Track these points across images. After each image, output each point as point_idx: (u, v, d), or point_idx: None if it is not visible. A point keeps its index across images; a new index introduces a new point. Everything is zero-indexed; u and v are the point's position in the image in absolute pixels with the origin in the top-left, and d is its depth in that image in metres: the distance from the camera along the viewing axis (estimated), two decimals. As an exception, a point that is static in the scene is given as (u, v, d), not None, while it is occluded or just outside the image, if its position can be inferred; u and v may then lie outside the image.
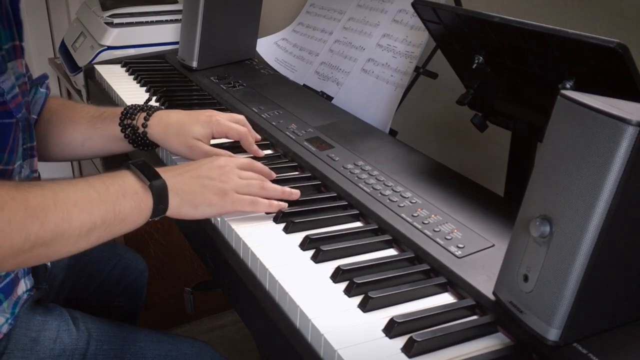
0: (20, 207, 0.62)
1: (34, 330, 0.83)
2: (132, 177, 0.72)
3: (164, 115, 0.93)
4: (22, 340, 0.81)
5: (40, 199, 0.64)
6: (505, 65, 0.83)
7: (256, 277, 0.69)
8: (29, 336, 0.82)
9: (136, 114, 0.94)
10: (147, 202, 0.72)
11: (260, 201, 0.78)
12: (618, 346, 0.54)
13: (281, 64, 1.45)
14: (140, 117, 0.93)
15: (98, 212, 0.68)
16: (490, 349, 0.57)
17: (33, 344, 0.82)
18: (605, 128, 0.48)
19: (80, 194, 0.67)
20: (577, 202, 0.50)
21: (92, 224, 0.67)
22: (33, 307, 0.86)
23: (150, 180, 0.71)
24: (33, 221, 0.62)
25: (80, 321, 0.88)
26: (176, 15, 1.66)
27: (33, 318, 0.84)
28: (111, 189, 0.69)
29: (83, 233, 0.67)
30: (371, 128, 1.07)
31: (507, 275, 0.57)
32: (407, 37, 1.15)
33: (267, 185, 0.80)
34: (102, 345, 0.86)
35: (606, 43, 0.65)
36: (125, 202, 0.70)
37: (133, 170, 0.73)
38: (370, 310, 0.61)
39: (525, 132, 0.87)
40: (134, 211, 0.71)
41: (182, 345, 0.93)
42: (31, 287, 0.87)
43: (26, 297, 0.85)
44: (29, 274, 0.87)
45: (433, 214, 0.75)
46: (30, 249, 0.63)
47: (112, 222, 0.69)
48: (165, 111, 0.95)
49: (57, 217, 0.64)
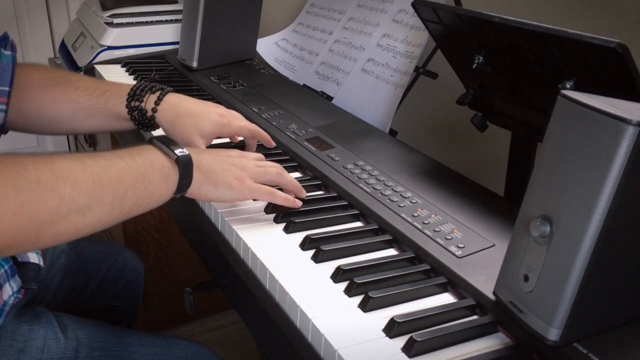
0: (46, 169, 0.60)
1: (20, 341, 0.81)
2: (158, 151, 0.71)
3: (176, 102, 0.90)
4: (9, 352, 0.80)
5: (67, 164, 0.62)
6: (505, 65, 0.83)
7: (256, 277, 0.69)
8: (16, 347, 0.80)
9: (144, 95, 0.90)
10: (174, 175, 0.70)
11: (277, 193, 0.77)
12: (618, 346, 0.54)
13: (281, 64, 1.45)
14: (149, 100, 0.90)
15: (128, 179, 0.66)
16: (490, 349, 0.57)
17: (20, 355, 0.80)
18: (605, 128, 0.48)
19: (108, 162, 0.65)
20: (577, 202, 0.50)
21: (124, 192, 0.65)
22: (19, 315, 0.83)
23: (176, 154, 0.70)
24: (64, 183, 0.60)
25: (69, 328, 0.86)
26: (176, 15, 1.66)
27: (19, 327, 0.82)
28: (138, 160, 0.68)
29: (116, 201, 0.65)
30: (371, 128, 1.07)
31: (507, 275, 0.57)
32: (407, 37, 1.15)
33: (284, 173, 0.80)
34: (93, 352, 0.85)
35: (606, 43, 0.65)
36: (153, 173, 0.68)
37: (157, 145, 0.72)
38: (371, 310, 0.61)
39: (525, 132, 0.87)
40: (162, 183, 0.69)
41: (176, 347, 0.92)
42: (18, 289, 0.84)
43: (13, 302, 0.83)
44: (15, 276, 0.85)
45: (433, 214, 0.75)
46: (66, 214, 0.60)
47: (142, 193, 0.67)
48: (177, 97, 0.91)
49: (88, 181, 0.62)
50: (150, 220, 1.69)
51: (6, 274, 0.83)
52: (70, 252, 1.10)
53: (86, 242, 1.16)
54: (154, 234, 1.71)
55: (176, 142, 0.72)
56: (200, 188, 0.73)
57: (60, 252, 1.08)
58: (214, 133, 0.89)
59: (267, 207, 0.80)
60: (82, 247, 1.13)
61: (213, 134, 0.89)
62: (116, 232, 1.74)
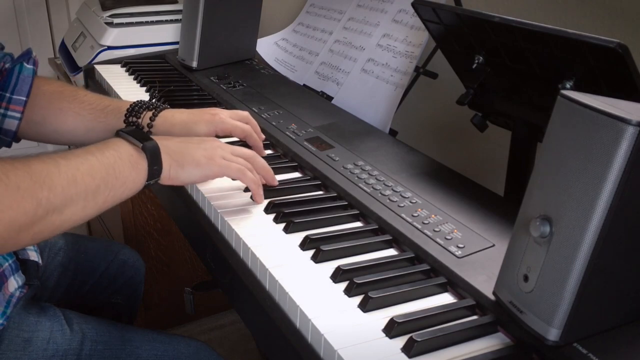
0: (25, 174, 0.63)
1: (26, 331, 0.83)
2: (125, 142, 0.74)
3: (169, 115, 0.94)
4: (15, 341, 0.81)
5: (43, 166, 0.65)
6: (505, 65, 0.83)
7: (256, 277, 0.69)
8: (22, 337, 0.82)
9: (142, 112, 0.94)
10: (143, 164, 0.73)
11: (247, 172, 0.79)
12: (618, 346, 0.54)
13: (281, 64, 1.45)
14: (146, 117, 0.93)
15: (99, 174, 0.69)
16: (490, 349, 0.57)
17: (26, 345, 0.82)
18: (605, 128, 0.48)
19: (80, 160, 0.69)
20: (577, 202, 0.50)
21: (96, 186, 0.69)
22: (26, 307, 0.85)
23: (143, 142, 0.74)
24: (41, 186, 0.63)
25: (75, 321, 0.87)
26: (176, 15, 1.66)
27: (26, 318, 0.84)
28: (107, 153, 0.71)
29: (89, 197, 0.68)
30: (371, 128, 1.07)
31: (507, 275, 0.57)
32: (407, 37, 1.15)
33: (258, 157, 0.82)
34: (97, 346, 0.86)
35: (606, 43, 0.65)
36: (122, 164, 0.71)
37: (124, 137, 0.75)
38: (370, 310, 0.61)
39: (525, 132, 0.87)
40: (132, 172, 0.72)
41: (179, 344, 0.93)
42: (23, 284, 0.86)
43: (19, 295, 0.85)
44: (19, 271, 0.87)
45: (433, 214, 0.75)
46: (44, 215, 0.64)
47: (114, 184, 0.71)
48: (170, 110, 0.95)
49: (63, 181, 0.65)
50: (150, 220, 1.69)
51: (11, 268, 0.85)
52: (69, 249, 1.10)
53: (85, 239, 1.17)
54: (154, 234, 1.71)
55: (143, 132, 0.76)
56: (169, 171, 0.76)
57: (59, 250, 1.09)
58: (211, 132, 0.91)
59: (267, 207, 0.80)
60: (81, 245, 1.13)
61: (210, 133, 0.91)
62: (116, 232, 1.74)
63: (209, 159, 0.78)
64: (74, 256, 1.11)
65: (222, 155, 0.79)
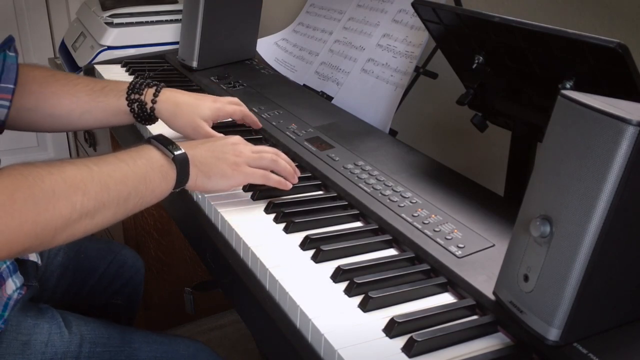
0: (59, 179, 0.64)
1: (24, 334, 0.82)
2: (156, 151, 0.76)
3: (172, 94, 0.96)
4: (13, 344, 0.81)
5: (77, 172, 0.67)
6: (505, 65, 0.83)
7: (256, 277, 0.69)
8: (20, 340, 0.82)
9: (143, 89, 0.95)
10: (172, 174, 0.75)
11: (271, 176, 0.82)
12: (618, 346, 0.54)
13: (281, 64, 1.45)
14: (148, 93, 0.95)
15: (132, 182, 0.71)
16: (490, 349, 0.57)
17: (24, 348, 0.81)
18: (605, 128, 0.48)
19: (112, 167, 0.70)
20: (577, 202, 0.50)
21: (128, 194, 0.70)
22: (24, 309, 0.85)
23: (173, 153, 0.75)
24: (75, 191, 0.65)
25: (73, 323, 0.87)
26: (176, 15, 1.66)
27: (24, 321, 0.83)
28: (139, 162, 0.73)
29: (121, 202, 0.70)
30: (371, 128, 1.07)
31: (507, 275, 0.57)
32: (407, 37, 1.15)
33: (279, 159, 0.83)
34: (96, 348, 0.86)
35: (606, 43, 0.65)
36: (153, 173, 0.73)
37: (155, 145, 0.76)
38: (371, 310, 0.61)
39: (525, 132, 0.87)
40: (162, 182, 0.74)
41: (178, 345, 0.93)
42: (21, 285, 0.86)
43: (17, 297, 0.84)
44: (17, 272, 0.86)
45: (433, 214, 0.75)
46: (78, 219, 0.66)
47: (144, 192, 0.72)
48: (172, 90, 0.97)
49: (97, 187, 0.67)
50: (150, 220, 1.69)
51: (8, 269, 0.85)
52: (69, 250, 1.10)
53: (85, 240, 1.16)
54: (154, 234, 1.71)
55: (172, 140, 0.77)
56: (196, 181, 0.78)
57: (58, 250, 1.09)
58: (213, 116, 0.95)
59: (268, 207, 0.80)
60: (81, 245, 1.13)
61: (212, 117, 0.95)
62: (116, 232, 1.74)
63: (235, 170, 0.79)
64: (74, 257, 1.11)
65: (247, 162, 0.80)
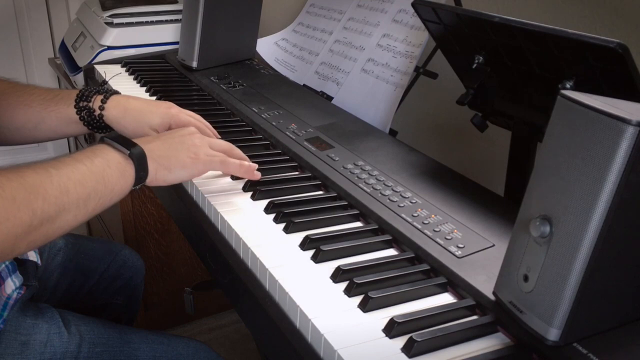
0: (19, 185, 0.64)
1: (23, 334, 0.82)
2: (112, 149, 0.75)
3: (123, 100, 0.95)
4: (12, 344, 0.81)
5: (36, 177, 0.66)
6: (505, 65, 0.83)
7: (256, 277, 0.69)
8: (19, 340, 0.82)
9: (92, 96, 0.94)
10: (130, 170, 0.74)
11: (230, 161, 0.82)
12: (618, 346, 0.54)
13: (281, 64, 1.45)
14: (97, 100, 0.94)
15: (90, 183, 0.70)
16: (490, 349, 0.57)
17: (23, 348, 0.81)
18: (605, 128, 0.48)
19: (71, 169, 0.69)
20: (577, 202, 0.50)
21: (87, 195, 0.70)
22: (24, 309, 0.85)
23: (129, 149, 0.74)
24: (35, 197, 0.64)
25: (72, 323, 0.87)
26: (176, 15, 1.66)
27: (23, 321, 0.83)
28: (96, 161, 0.72)
29: (80, 205, 0.69)
30: (371, 128, 1.07)
31: (507, 275, 0.57)
32: (407, 37, 1.15)
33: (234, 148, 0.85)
34: (95, 348, 0.86)
35: (606, 43, 0.65)
36: (111, 172, 0.73)
37: (110, 143, 0.76)
38: (370, 310, 0.61)
39: (525, 132, 0.87)
40: (120, 180, 0.73)
41: (178, 345, 0.93)
42: (20, 284, 0.86)
43: (16, 297, 0.84)
44: (16, 272, 0.86)
45: (433, 214, 0.75)
46: (39, 225, 0.65)
47: (103, 192, 0.72)
48: (124, 96, 0.96)
49: (56, 191, 0.66)
50: (150, 220, 1.69)
51: (8, 269, 0.85)
52: (68, 250, 1.10)
53: (85, 240, 1.17)
54: (154, 234, 1.71)
55: (127, 138, 0.76)
56: (156, 175, 0.77)
57: (58, 250, 1.09)
58: (164, 125, 0.93)
59: (267, 207, 0.80)
60: (81, 245, 1.13)
61: (162, 125, 0.92)
62: (116, 232, 1.74)
63: (194, 159, 0.79)
64: (74, 256, 1.11)
65: (205, 151, 0.81)
